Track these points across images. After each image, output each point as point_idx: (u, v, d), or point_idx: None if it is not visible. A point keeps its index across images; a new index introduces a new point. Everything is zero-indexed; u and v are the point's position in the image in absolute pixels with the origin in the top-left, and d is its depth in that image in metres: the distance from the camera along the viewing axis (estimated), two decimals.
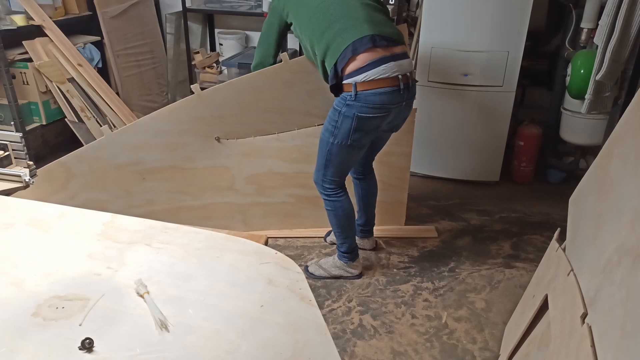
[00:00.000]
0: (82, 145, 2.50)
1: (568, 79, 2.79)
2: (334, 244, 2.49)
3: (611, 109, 2.74)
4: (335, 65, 1.86)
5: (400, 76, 1.86)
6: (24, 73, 3.09)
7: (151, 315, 0.98)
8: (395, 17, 3.00)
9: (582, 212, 1.52)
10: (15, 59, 3.05)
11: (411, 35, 3.11)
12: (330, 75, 1.89)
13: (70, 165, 2.25)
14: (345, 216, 2.15)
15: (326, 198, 2.12)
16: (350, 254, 2.24)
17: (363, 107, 1.85)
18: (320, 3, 1.91)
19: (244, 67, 3.35)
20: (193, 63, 3.90)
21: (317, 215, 2.54)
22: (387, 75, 1.83)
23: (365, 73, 1.82)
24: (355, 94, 1.83)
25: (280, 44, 2.15)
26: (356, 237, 2.33)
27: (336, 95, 1.94)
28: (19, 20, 3.07)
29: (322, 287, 2.24)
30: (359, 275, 2.30)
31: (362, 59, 1.83)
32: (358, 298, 2.17)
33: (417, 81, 1.99)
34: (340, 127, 1.90)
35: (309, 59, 2.10)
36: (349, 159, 2.04)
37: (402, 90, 1.87)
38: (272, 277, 1.11)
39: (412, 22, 3.18)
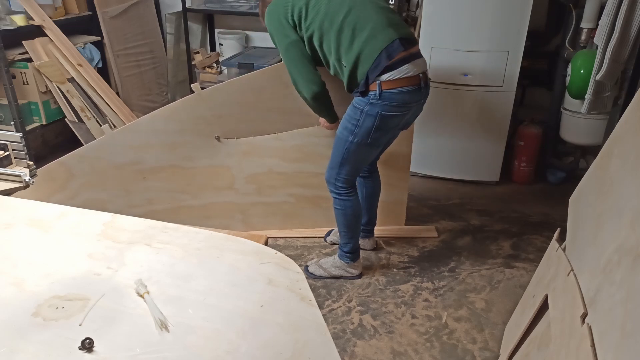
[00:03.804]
0: (82, 145, 2.50)
1: (568, 79, 2.79)
2: (334, 244, 2.49)
3: (611, 109, 2.74)
4: (368, 72, 1.85)
5: (420, 74, 1.90)
6: (24, 73, 3.09)
7: (151, 315, 0.98)
8: None
9: (582, 212, 1.52)
10: (15, 59, 3.05)
11: None
12: (362, 83, 1.88)
13: (70, 165, 2.25)
14: (353, 215, 2.15)
15: (337, 197, 2.13)
16: (352, 254, 2.24)
17: (386, 105, 1.87)
18: (344, 17, 1.87)
19: (244, 67, 3.35)
20: (193, 63, 3.90)
21: (318, 215, 2.54)
22: (410, 74, 1.86)
23: (390, 72, 1.84)
24: (380, 93, 1.85)
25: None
26: None
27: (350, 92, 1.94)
28: (19, 20, 3.07)
29: (322, 287, 2.24)
30: (359, 276, 2.30)
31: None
32: (358, 298, 2.17)
33: (430, 79, 2.01)
34: (362, 125, 1.91)
35: (333, 74, 2.01)
36: (365, 158, 2.07)
37: (422, 89, 1.92)
38: (272, 277, 1.11)
39: (412, 22, 3.18)
